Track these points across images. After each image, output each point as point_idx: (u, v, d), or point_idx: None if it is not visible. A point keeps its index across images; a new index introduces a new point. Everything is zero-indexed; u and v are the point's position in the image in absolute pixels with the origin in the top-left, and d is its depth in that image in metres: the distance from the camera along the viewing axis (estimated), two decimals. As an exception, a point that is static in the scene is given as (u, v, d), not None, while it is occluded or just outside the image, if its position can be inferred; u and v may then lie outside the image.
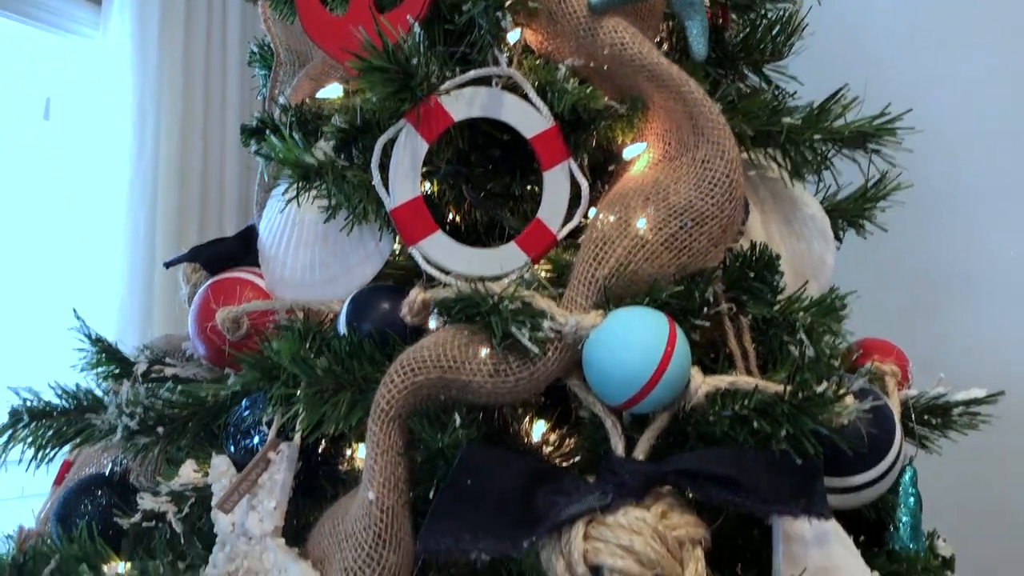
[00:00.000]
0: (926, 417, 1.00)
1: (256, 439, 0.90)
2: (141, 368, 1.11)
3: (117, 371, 1.12)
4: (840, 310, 0.88)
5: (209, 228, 1.66)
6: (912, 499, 0.97)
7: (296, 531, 0.86)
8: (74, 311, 1.16)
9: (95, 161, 1.77)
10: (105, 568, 0.88)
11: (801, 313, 0.87)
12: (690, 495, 0.75)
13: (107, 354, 1.13)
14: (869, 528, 0.92)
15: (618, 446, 0.74)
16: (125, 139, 1.78)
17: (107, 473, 1.04)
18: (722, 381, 0.76)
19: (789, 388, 0.73)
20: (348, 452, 0.98)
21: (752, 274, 0.84)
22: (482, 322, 0.77)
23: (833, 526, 0.81)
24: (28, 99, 1.99)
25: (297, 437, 0.83)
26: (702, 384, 0.75)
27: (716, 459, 0.73)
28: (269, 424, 0.88)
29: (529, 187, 0.99)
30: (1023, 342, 1.86)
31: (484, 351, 0.76)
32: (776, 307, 0.88)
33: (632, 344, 0.72)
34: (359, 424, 0.80)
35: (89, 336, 1.13)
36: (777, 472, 0.73)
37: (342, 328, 0.83)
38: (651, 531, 0.70)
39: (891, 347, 1.07)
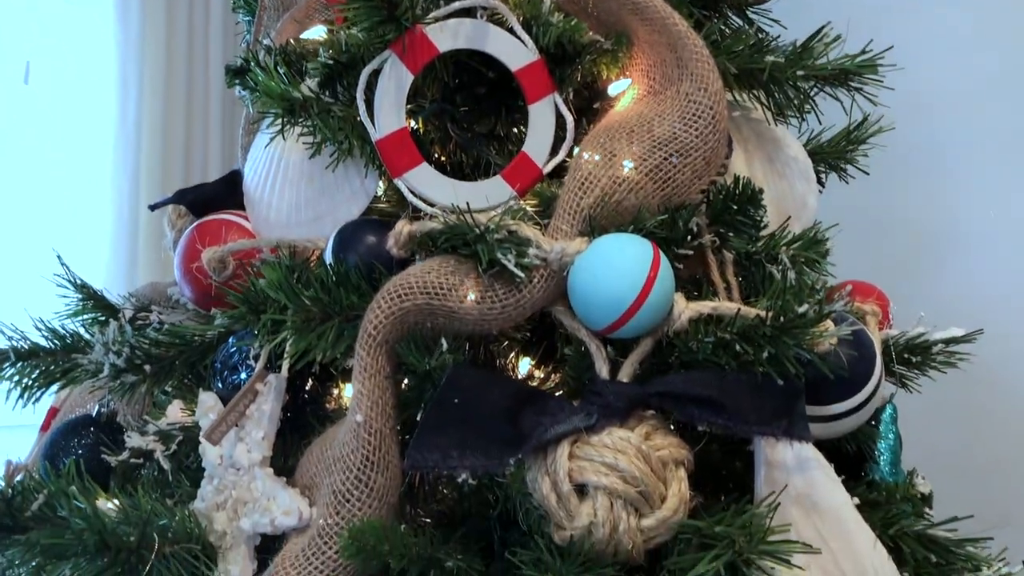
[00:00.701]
0: (906, 356, 1.02)
1: (243, 375, 0.90)
2: (127, 315, 1.11)
3: (103, 318, 1.12)
4: (822, 244, 0.89)
5: (193, 182, 1.64)
6: (892, 436, 0.98)
7: (284, 471, 0.87)
8: (58, 257, 1.15)
9: (78, 119, 1.75)
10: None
11: (784, 248, 0.88)
12: (673, 419, 0.77)
13: (92, 301, 1.13)
14: (849, 462, 0.94)
15: (603, 370, 0.75)
16: (109, 96, 1.76)
17: (94, 415, 1.04)
18: (704, 307, 0.77)
19: (771, 313, 0.74)
20: (335, 391, 0.99)
21: (735, 208, 0.85)
22: (468, 251, 0.77)
23: (814, 453, 0.82)
24: (8, 63, 1.96)
25: (285, 368, 0.84)
26: (685, 309, 0.76)
27: (699, 381, 0.74)
28: (256, 359, 0.88)
29: (515, 129, 1.00)
30: (1002, 299, 1.88)
31: (470, 278, 0.76)
32: (759, 243, 0.89)
33: (616, 268, 0.72)
34: (346, 354, 0.80)
35: (73, 282, 1.13)
36: (759, 394, 0.74)
37: (329, 261, 0.83)
38: (635, 450, 0.71)
39: (872, 288, 1.08)
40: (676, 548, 0.70)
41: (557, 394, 0.90)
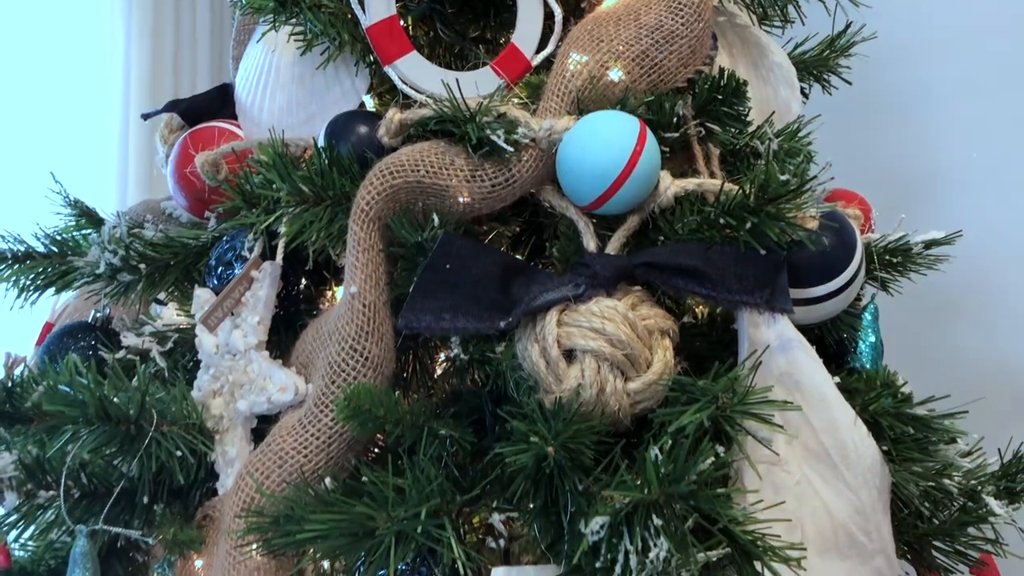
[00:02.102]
0: (887, 258, 1.04)
1: (238, 270, 0.92)
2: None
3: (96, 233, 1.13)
4: (805, 137, 0.91)
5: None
6: (872, 334, 1.01)
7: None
8: (51, 175, 1.16)
9: (69, 36, 1.73)
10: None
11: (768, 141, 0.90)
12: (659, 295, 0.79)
13: (86, 217, 1.14)
14: (831, 355, 0.96)
15: (590, 245, 0.77)
16: (100, 10, 1.74)
17: (90, 320, 1.05)
18: (689, 183, 0.79)
19: (754, 188, 0.76)
20: (328, 293, 1.01)
21: (720, 98, 0.87)
22: (458, 133, 0.79)
23: (796, 335, 0.84)
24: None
25: (279, 254, 0.85)
26: (671, 185, 0.78)
27: (683, 252, 0.76)
28: (251, 253, 0.90)
29: (505, 35, 1.01)
30: (985, 242, 1.90)
31: (461, 157, 0.78)
32: (744, 138, 0.91)
33: (603, 139, 0.74)
34: (339, 242, 0.82)
35: (67, 199, 1.14)
36: (741, 265, 0.76)
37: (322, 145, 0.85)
38: (622, 317, 0.73)
39: (855, 194, 1.10)
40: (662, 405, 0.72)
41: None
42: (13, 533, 0.77)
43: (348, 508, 0.67)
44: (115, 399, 0.74)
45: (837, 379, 0.85)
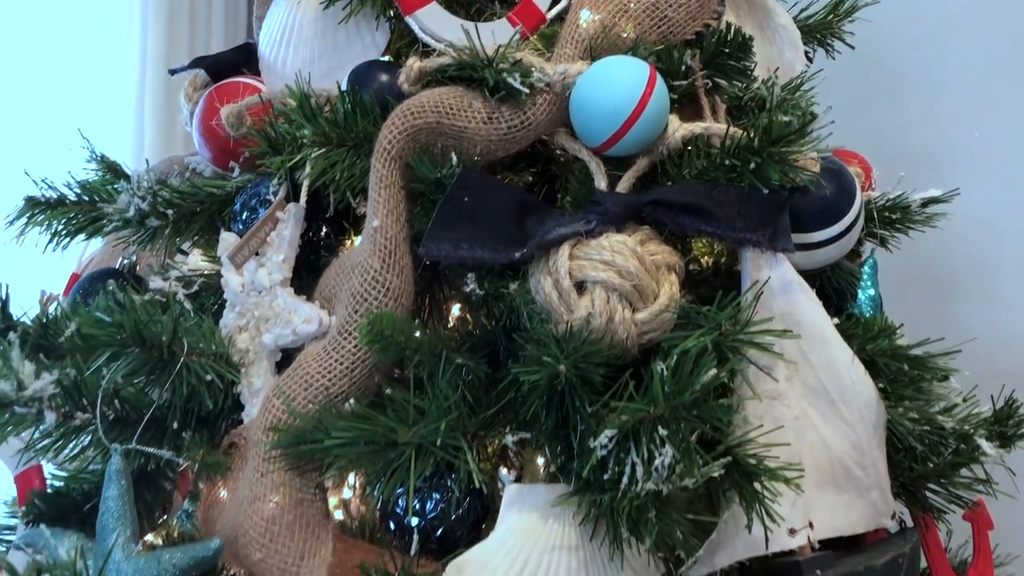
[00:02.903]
0: (886, 215, 1.08)
1: (262, 214, 0.96)
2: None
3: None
4: (808, 91, 0.95)
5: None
6: (872, 287, 1.05)
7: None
8: (79, 131, 1.20)
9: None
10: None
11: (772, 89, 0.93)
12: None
13: (112, 172, 1.18)
14: (830, 303, 1.00)
15: (601, 184, 0.81)
16: None
17: (117, 267, 1.10)
18: (697, 127, 0.82)
19: (758, 132, 0.80)
20: (348, 242, 1.05)
21: (727, 52, 0.90)
22: (476, 78, 0.83)
23: (797, 277, 0.87)
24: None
25: (304, 195, 0.89)
26: (679, 128, 0.82)
27: (690, 191, 0.80)
28: (275, 196, 0.94)
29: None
30: (984, 217, 1.92)
31: (478, 101, 0.82)
32: (749, 91, 0.94)
33: (615, 80, 0.78)
34: (362, 179, 0.85)
35: (94, 155, 1.18)
36: (746, 204, 0.80)
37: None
38: (631, 251, 0.77)
39: (855, 154, 1.14)
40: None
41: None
42: (50, 455, 0.81)
43: (372, 420, 0.71)
44: (149, 323, 0.78)
45: (836, 321, 0.89)
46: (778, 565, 0.82)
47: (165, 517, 0.99)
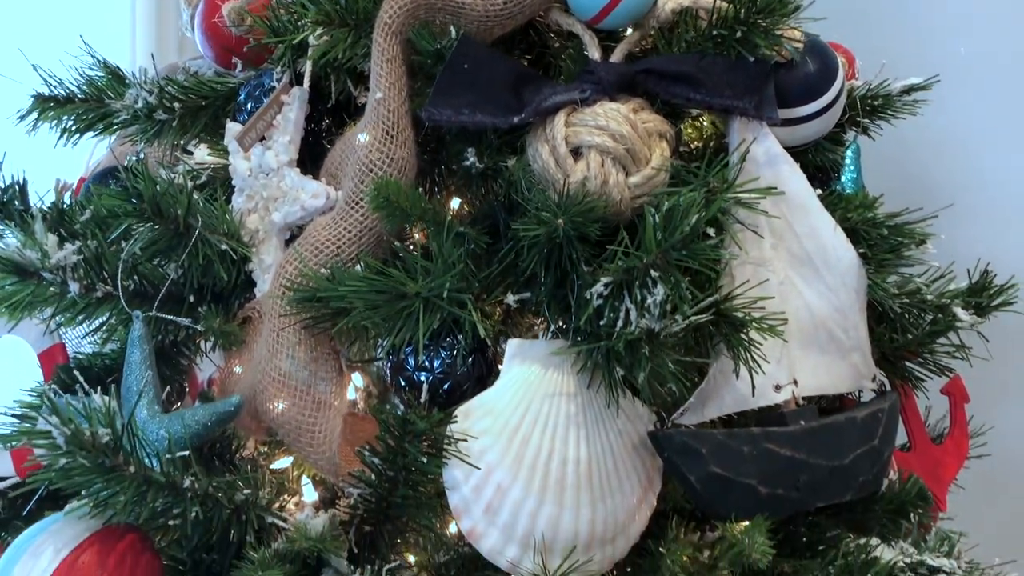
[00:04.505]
0: (869, 102, 1.11)
1: (267, 102, 0.99)
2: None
3: (124, 93, 1.20)
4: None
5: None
6: (854, 170, 1.09)
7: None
8: (80, 37, 1.22)
9: None
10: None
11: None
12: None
13: (115, 78, 1.21)
14: (814, 179, 1.04)
15: (595, 55, 0.85)
16: None
17: (124, 165, 1.13)
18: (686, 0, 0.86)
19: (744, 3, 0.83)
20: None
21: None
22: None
23: (782, 151, 0.92)
24: None
25: (307, 77, 0.92)
26: (669, 1, 0.85)
27: (680, 60, 0.84)
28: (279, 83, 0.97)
29: None
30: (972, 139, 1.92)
31: (476, -23, 0.85)
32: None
33: (606, -47, 0.81)
34: (363, 59, 0.89)
35: (95, 58, 1.20)
36: (732, 73, 0.84)
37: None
38: (623, 117, 0.81)
39: (839, 45, 1.17)
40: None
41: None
42: (76, 327, 0.86)
43: (383, 274, 0.75)
44: (167, 194, 0.81)
45: (819, 191, 0.93)
46: (764, 416, 0.87)
47: (179, 404, 1.03)
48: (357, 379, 0.99)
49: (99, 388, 0.82)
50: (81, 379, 0.87)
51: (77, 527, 0.70)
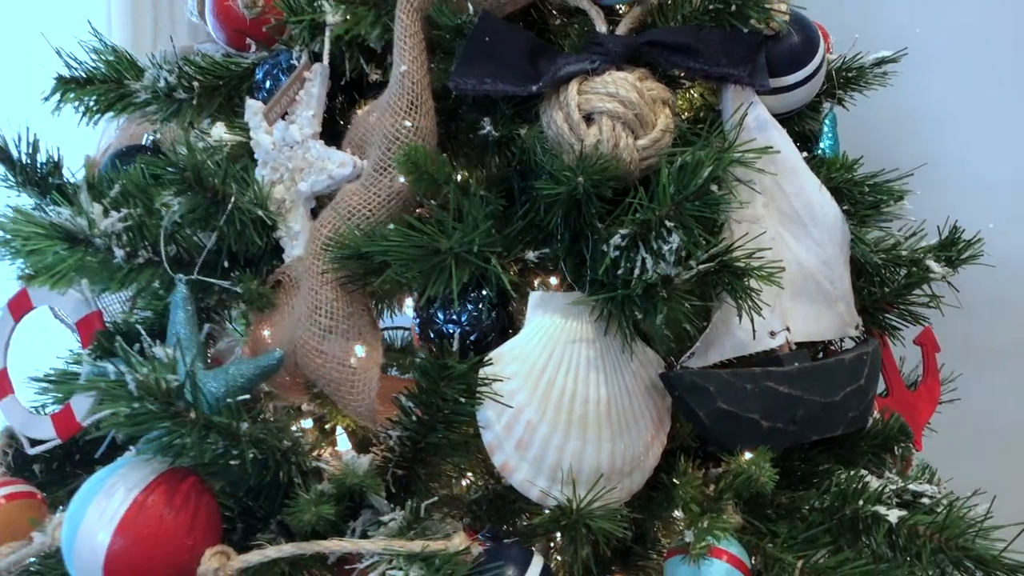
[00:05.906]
0: (843, 73, 1.20)
1: (285, 80, 1.04)
2: (162, 72, 1.23)
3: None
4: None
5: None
6: (832, 137, 1.17)
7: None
8: (88, 22, 1.26)
9: None
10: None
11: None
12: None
13: (127, 63, 1.25)
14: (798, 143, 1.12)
15: (602, 28, 0.92)
16: None
17: (142, 143, 1.17)
18: (682, -33, 0.93)
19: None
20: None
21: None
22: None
23: (771, 118, 0.99)
24: None
25: (326, 56, 0.98)
26: (667, -26, 0.92)
27: (680, 32, 0.91)
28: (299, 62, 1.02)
29: None
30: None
31: (489, -45, 0.91)
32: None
33: (612, -68, 0.88)
34: (383, 37, 0.95)
35: (103, 43, 1.24)
36: (728, 44, 0.92)
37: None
38: (631, 85, 0.88)
39: (815, 22, 1.25)
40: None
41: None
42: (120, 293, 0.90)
43: (418, 230, 0.82)
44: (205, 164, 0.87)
45: (805, 154, 1.01)
46: (762, 360, 0.95)
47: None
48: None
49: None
50: (122, 342, 0.91)
51: (144, 469, 0.76)
